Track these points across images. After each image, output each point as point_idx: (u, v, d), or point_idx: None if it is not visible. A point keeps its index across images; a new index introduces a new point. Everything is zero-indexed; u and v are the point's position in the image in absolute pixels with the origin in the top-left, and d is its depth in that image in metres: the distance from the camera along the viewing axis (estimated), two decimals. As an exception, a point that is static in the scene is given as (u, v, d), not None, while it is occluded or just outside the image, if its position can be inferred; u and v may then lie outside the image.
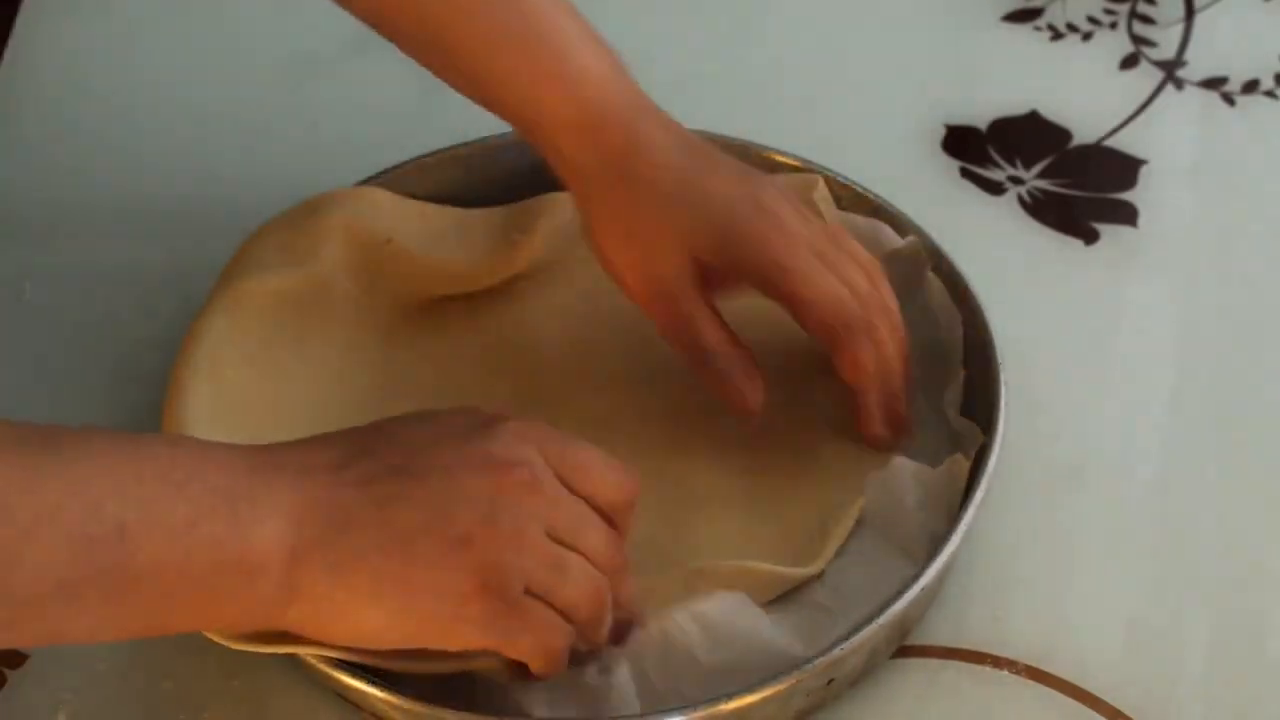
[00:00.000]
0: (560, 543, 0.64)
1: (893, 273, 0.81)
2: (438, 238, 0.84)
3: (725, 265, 0.74)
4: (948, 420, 0.78)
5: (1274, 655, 0.73)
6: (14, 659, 0.74)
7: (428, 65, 0.78)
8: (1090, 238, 0.89)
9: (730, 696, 0.67)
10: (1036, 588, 0.75)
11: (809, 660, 0.67)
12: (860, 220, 0.83)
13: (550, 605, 0.64)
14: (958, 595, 0.74)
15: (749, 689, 0.67)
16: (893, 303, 0.76)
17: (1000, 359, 0.77)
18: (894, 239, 0.83)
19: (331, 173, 0.87)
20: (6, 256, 0.89)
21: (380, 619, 0.63)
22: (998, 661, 0.72)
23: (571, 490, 0.65)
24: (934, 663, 0.73)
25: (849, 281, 0.74)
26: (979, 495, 0.72)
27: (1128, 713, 0.71)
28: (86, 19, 1.02)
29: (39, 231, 0.91)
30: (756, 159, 0.84)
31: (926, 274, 0.81)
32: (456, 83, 0.78)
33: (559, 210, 0.83)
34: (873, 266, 0.77)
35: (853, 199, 0.84)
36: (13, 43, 1.00)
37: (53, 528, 0.58)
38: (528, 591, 0.63)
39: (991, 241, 0.88)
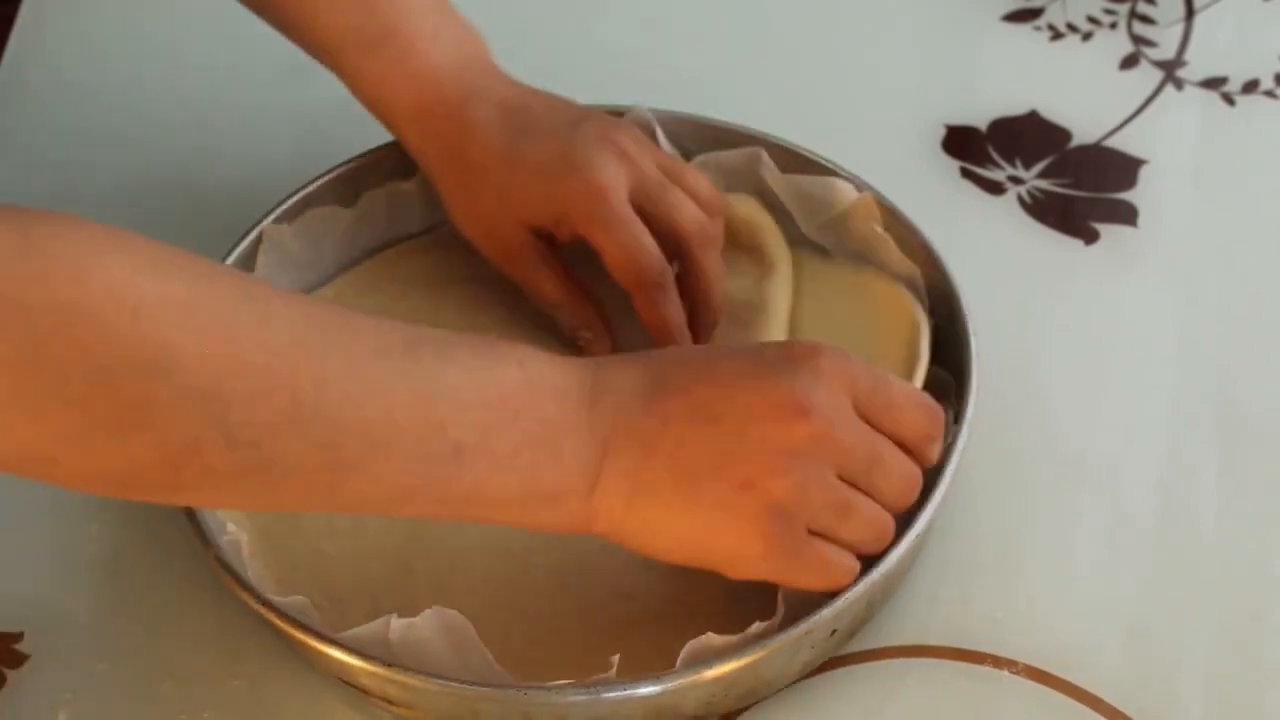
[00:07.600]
0: (852, 483, 0.67)
1: (848, 231, 0.83)
2: None
3: (553, 223, 0.80)
4: None
5: (1274, 655, 0.73)
6: (14, 659, 0.74)
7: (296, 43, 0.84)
8: (1090, 238, 0.89)
9: (740, 654, 0.67)
10: (1036, 587, 0.75)
11: (815, 612, 0.68)
12: (810, 180, 0.84)
13: (836, 541, 0.67)
14: (958, 595, 0.74)
15: (758, 644, 0.67)
16: (718, 233, 0.81)
17: (967, 309, 0.78)
18: (848, 195, 0.83)
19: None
20: (6, 256, 0.89)
21: (670, 544, 0.67)
22: (998, 661, 0.72)
23: (877, 427, 0.68)
24: (935, 662, 0.73)
25: (671, 219, 0.79)
26: (957, 451, 0.72)
27: (1128, 713, 0.71)
28: (86, 18, 1.02)
29: (39, 231, 0.91)
30: (713, 131, 0.86)
31: (878, 229, 0.81)
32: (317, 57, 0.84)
33: None
34: (711, 199, 0.81)
35: (802, 164, 0.85)
36: (13, 42, 1.00)
37: (399, 443, 0.62)
38: (811, 531, 0.66)
39: (991, 241, 0.88)
